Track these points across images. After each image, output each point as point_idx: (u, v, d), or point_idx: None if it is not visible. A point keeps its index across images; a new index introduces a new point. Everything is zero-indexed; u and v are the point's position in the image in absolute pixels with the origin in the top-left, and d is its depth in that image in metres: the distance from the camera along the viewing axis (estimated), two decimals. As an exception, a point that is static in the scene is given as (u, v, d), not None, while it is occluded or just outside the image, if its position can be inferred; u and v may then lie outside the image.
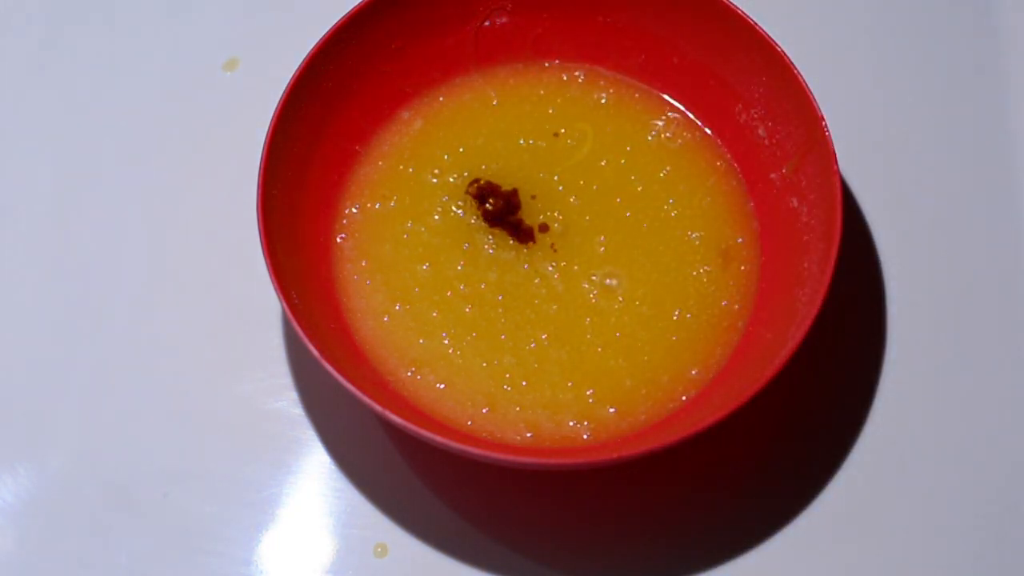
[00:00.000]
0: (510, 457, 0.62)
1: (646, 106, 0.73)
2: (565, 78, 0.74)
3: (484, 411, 0.65)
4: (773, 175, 0.69)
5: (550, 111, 0.73)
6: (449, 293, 0.68)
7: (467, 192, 0.70)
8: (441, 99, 0.73)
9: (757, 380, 0.60)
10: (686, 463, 0.67)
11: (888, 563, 0.66)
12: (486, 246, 0.69)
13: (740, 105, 0.70)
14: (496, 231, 0.69)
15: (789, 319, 0.63)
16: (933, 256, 0.72)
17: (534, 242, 0.69)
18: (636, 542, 0.66)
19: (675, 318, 0.67)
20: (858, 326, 0.70)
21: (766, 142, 0.69)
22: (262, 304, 0.70)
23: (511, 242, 0.69)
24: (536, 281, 0.68)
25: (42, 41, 0.79)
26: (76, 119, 0.77)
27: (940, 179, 0.74)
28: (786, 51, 0.66)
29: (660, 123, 0.72)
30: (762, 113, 0.69)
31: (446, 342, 0.67)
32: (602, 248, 0.69)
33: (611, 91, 0.73)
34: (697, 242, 0.69)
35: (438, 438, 0.60)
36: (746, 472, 0.67)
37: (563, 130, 0.72)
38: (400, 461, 0.68)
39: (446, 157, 0.71)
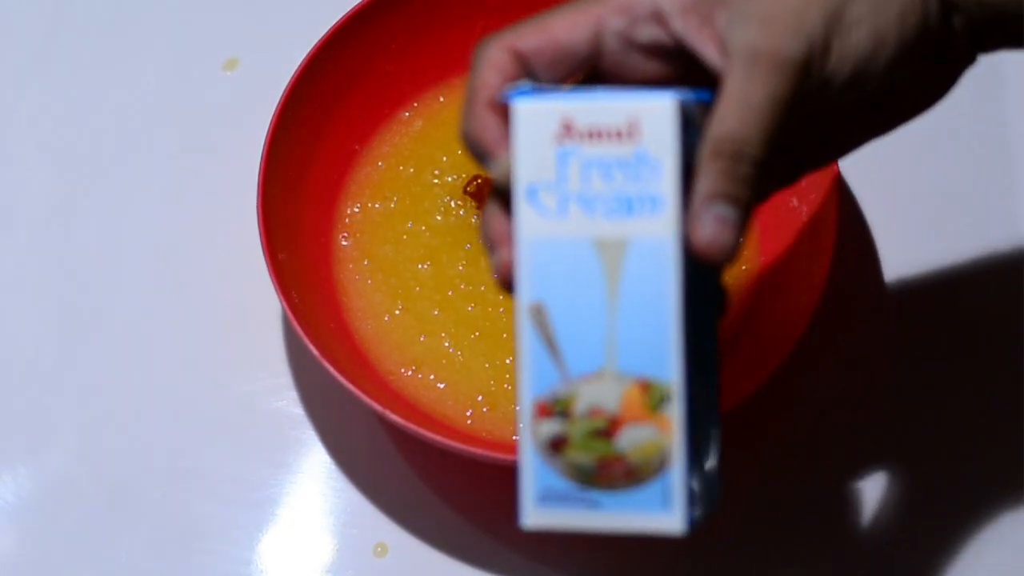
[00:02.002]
0: (510, 457, 0.62)
1: (646, 106, 0.72)
2: (565, 78, 0.73)
3: (484, 410, 0.65)
4: (773, 175, 0.69)
5: (549, 111, 0.73)
6: (450, 292, 0.68)
7: (465, 191, 0.70)
8: (441, 99, 0.73)
9: (757, 380, 0.60)
10: (686, 463, 0.67)
11: (889, 563, 0.66)
12: (487, 246, 0.69)
13: (740, 105, 0.70)
14: (497, 231, 0.69)
15: (789, 319, 0.63)
16: (932, 255, 0.72)
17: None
18: (636, 542, 0.66)
19: (675, 318, 0.67)
20: (858, 326, 0.70)
21: (766, 142, 0.69)
22: (262, 304, 0.70)
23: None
24: (537, 281, 0.68)
25: (42, 41, 0.79)
26: (76, 119, 0.76)
27: (939, 178, 0.74)
28: (786, 51, 0.66)
29: (660, 123, 0.72)
30: (762, 113, 0.69)
31: (447, 342, 0.67)
32: (602, 248, 0.69)
33: (611, 91, 0.73)
34: (697, 242, 0.69)
35: (438, 437, 0.60)
36: (746, 472, 0.67)
37: (562, 130, 0.72)
38: (400, 461, 0.67)
39: (445, 158, 0.71)
